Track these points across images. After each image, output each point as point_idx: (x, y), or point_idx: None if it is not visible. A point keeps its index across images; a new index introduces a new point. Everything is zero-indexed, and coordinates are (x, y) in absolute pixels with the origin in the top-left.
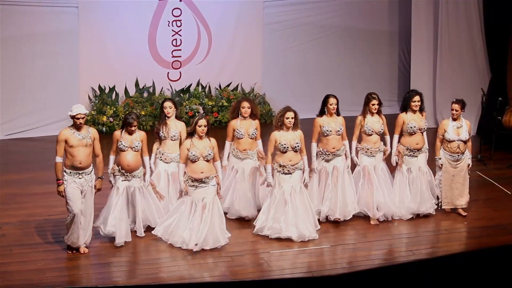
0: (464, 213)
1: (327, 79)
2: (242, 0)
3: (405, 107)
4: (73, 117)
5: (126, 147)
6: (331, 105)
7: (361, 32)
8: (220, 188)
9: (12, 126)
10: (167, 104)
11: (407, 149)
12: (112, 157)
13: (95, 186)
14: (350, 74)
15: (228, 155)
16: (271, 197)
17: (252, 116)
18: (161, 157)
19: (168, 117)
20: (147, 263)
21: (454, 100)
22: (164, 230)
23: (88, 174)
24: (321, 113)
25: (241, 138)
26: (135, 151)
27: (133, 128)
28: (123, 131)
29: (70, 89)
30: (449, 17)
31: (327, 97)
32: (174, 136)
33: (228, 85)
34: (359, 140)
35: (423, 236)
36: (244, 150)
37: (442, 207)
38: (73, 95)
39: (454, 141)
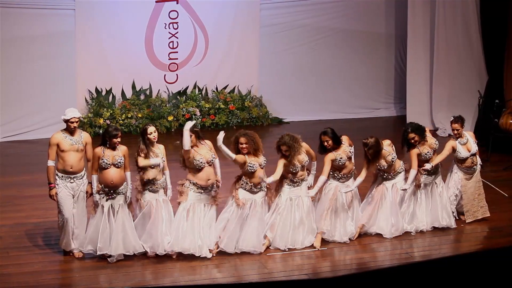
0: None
1: (323, 81)
2: (238, 2)
3: (409, 145)
4: (66, 121)
5: (109, 164)
6: (323, 142)
7: (358, 34)
8: (218, 189)
9: (9, 129)
10: (152, 129)
11: (423, 170)
12: (95, 177)
13: (86, 191)
14: (347, 76)
15: (237, 188)
16: (276, 211)
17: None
18: (151, 187)
19: (152, 143)
20: (143, 265)
21: (453, 118)
22: (176, 242)
23: (80, 179)
24: (324, 149)
25: (255, 171)
26: (117, 167)
27: (118, 140)
28: (104, 147)
29: (67, 91)
30: (446, 19)
31: (319, 135)
32: (163, 160)
33: (225, 88)
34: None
35: (419, 239)
36: (259, 183)
37: (467, 221)
38: (70, 98)
39: (468, 158)
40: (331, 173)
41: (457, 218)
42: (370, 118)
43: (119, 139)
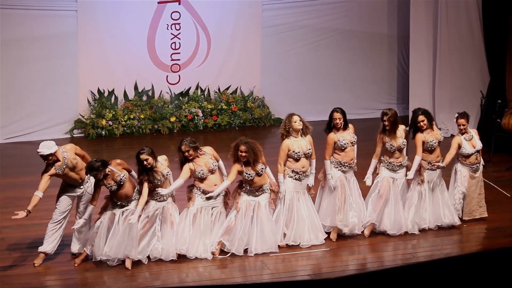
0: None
1: (326, 81)
2: (240, 3)
3: (416, 128)
4: None
5: (115, 187)
6: (334, 120)
7: (360, 35)
8: (229, 195)
9: (11, 130)
10: (144, 157)
11: (428, 163)
12: (91, 207)
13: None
14: (349, 77)
15: (239, 193)
16: (283, 205)
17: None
18: (159, 198)
19: (147, 170)
20: (145, 266)
21: (458, 114)
22: (184, 246)
23: (87, 182)
24: (330, 128)
25: (253, 179)
26: (123, 184)
27: (102, 174)
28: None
29: (69, 92)
30: (448, 20)
31: (331, 112)
32: (168, 173)
33: (227, 88)
34: (382, 154)
35: (422, 239)
36: (260, 187)
37: (463, 219)
38: (72, 99)
39: (473, 154)
40: (333, 160)
41: (461, 217)
42: (372, 118)
43: (103, 173)
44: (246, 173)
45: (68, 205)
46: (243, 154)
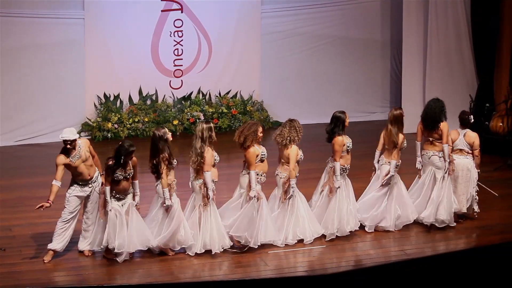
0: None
1: (322, 86)
2: (240, 11)
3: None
4: (62, 140)
5: (122, 176)
6: (346, 121)
7: (355, 41)
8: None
9: (21, 133)
10: (167, 130)
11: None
12: (108, 188)
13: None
14: (345, 81)
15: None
16: (284, 208)
17: None
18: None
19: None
20: (151, 263)
21: (466, 112)
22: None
23: (95, 182)
24: (335, 131)
25: (264, 161)
26: (128, 178)
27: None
28: (118, 166)
29: (77, 97)
30: (438, 27)
31: (342, 115)
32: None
33: (228, 93)
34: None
35: (414, 236)
36: (265, 172)
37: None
38: (80, 103)
39: None
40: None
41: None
42: (366, 121)
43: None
44: (262, 153)
45: (77, 205)
46: (262, 133)
